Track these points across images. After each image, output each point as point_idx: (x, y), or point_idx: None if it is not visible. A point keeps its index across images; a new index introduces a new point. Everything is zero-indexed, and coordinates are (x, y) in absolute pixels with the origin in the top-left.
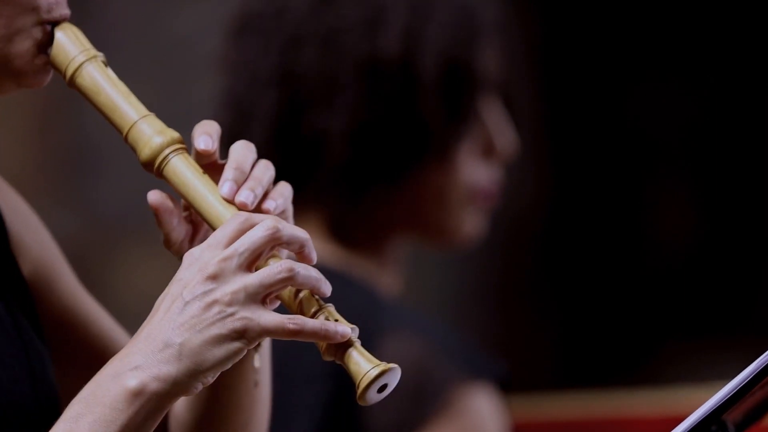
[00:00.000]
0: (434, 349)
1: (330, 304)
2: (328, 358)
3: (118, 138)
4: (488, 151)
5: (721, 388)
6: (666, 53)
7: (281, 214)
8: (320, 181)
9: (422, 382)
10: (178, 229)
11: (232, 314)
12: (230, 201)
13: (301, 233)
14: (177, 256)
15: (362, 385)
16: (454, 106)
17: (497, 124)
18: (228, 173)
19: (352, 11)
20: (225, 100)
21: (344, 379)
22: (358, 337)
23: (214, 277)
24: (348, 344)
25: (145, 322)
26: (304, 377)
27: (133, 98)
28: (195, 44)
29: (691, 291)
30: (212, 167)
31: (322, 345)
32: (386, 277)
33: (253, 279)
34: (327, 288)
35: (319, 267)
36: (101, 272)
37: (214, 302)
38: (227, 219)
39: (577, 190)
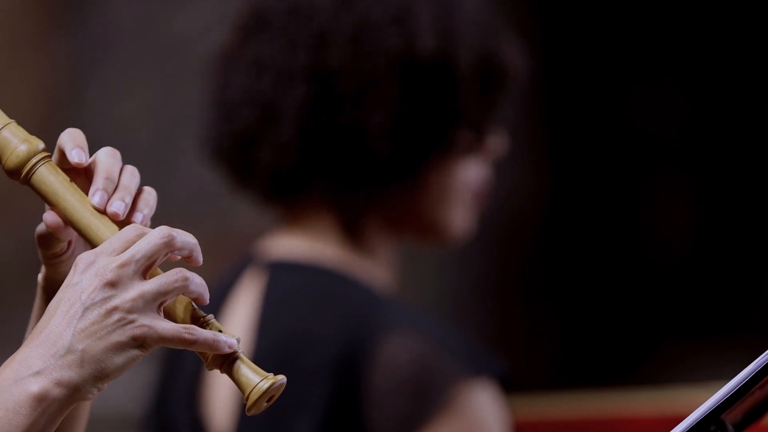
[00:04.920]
0: (436, 346)
1: (211, 315)
2: (212, 368)
3: (118, 138)
4: (478, 149)
5: (720, 388)
6: (665, 53)
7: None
8: (344, 177)
9: (424, 380)
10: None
11: (132, 321)
12: (101, 210)
13: (191, 238)
14: (54, 269)
15: (253, 397)
16: (489, 101)
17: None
18: (98, 182)
19: (376, 8)
20: (246, 98)
21: (346, 377)
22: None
23: (113, 284)
24: (234, 356)
25: (39, 325)
26: (306, 376)
27: None
28: (195, 44)
29: (689, 291)
30: (74, 172)
31: (208, 356)
32: (381, 275)
33: (151, 286)
34: (208, 297)
35: (319, 267)
36: None
37: (115, 309)
38: (99, 228)
39: (575, 190)
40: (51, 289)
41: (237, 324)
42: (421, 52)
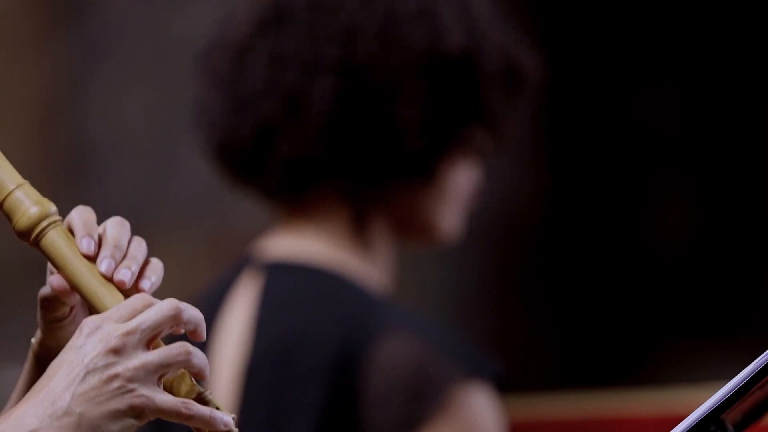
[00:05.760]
0: (432, 348)
1: (209, 391)
2: None
3: (119, 138)
4: (487, 149)
5: (720, 388)
6: (665, 53)
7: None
8: (366, 171)
9: (420, 382)
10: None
11: (131, 390)
12: (108, 278)
13: (197, 313)
14: (51, 335)
15: None
16: (508, 99)
17: None
18: (106, 250)
19: (401, 3)
20: (267, 90)
21: (343, 379)
22: None
23: (116, 351)
24: None
25: (38, 384)
26: (303, 377)
27: (7, 165)
28: (195, 44)
29: (689, 291)
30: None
31: (203, 431)
32: (380, 275)
33: (153, 357)
34: (208, 372)
35: (316, 268)
36: None
37: (116, 376)
38: (105, 295)
39: (575, 189)
40: (43, 355)
41: (234, 325)
42: (448, 47)
